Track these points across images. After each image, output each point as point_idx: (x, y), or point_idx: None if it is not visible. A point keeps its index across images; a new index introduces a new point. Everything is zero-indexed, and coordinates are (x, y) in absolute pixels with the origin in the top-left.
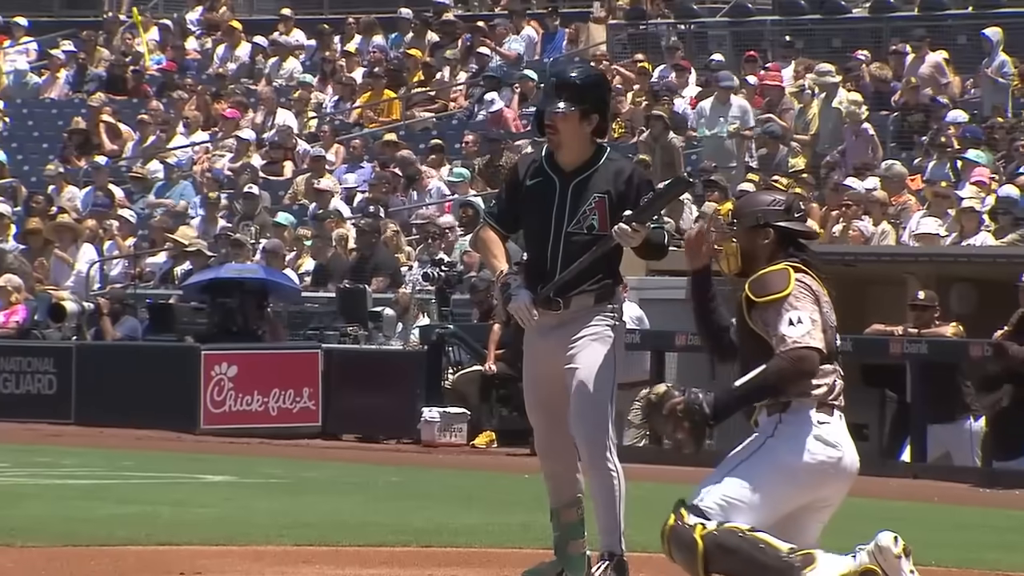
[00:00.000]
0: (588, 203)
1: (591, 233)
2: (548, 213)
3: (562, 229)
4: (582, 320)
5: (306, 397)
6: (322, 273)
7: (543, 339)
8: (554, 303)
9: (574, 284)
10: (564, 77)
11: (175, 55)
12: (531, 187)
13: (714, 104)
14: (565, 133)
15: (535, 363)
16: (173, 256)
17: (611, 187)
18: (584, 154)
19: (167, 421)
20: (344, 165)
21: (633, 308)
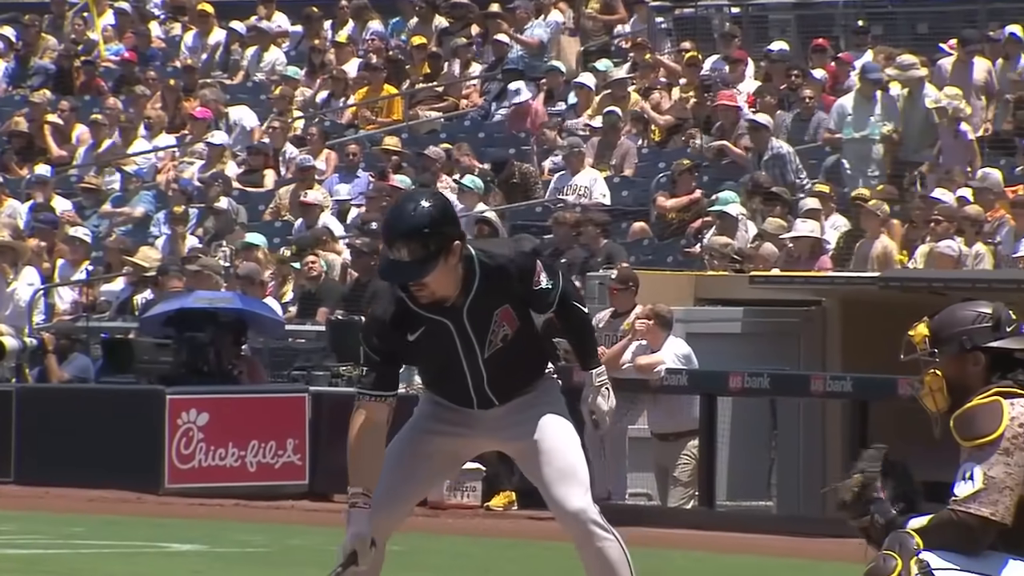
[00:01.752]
0: (493, 321)
1: (506, 341)
2: (455, 355)
3: (478, 361)
4: (528, 393)
5: (291, 450)
6: (310, 302)
7: (470, 415)
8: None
9: (514, 391)
10: (408, 231)
11: (135, 44)
12: (420, 339)
13: (858, 100)
14: (436, 284)
15: (446, 425)
16: (132, 282)
17: (503, 292)
18: (459, 280)
19: (125, 479)
20: (336, 174)
21: (678, 344)
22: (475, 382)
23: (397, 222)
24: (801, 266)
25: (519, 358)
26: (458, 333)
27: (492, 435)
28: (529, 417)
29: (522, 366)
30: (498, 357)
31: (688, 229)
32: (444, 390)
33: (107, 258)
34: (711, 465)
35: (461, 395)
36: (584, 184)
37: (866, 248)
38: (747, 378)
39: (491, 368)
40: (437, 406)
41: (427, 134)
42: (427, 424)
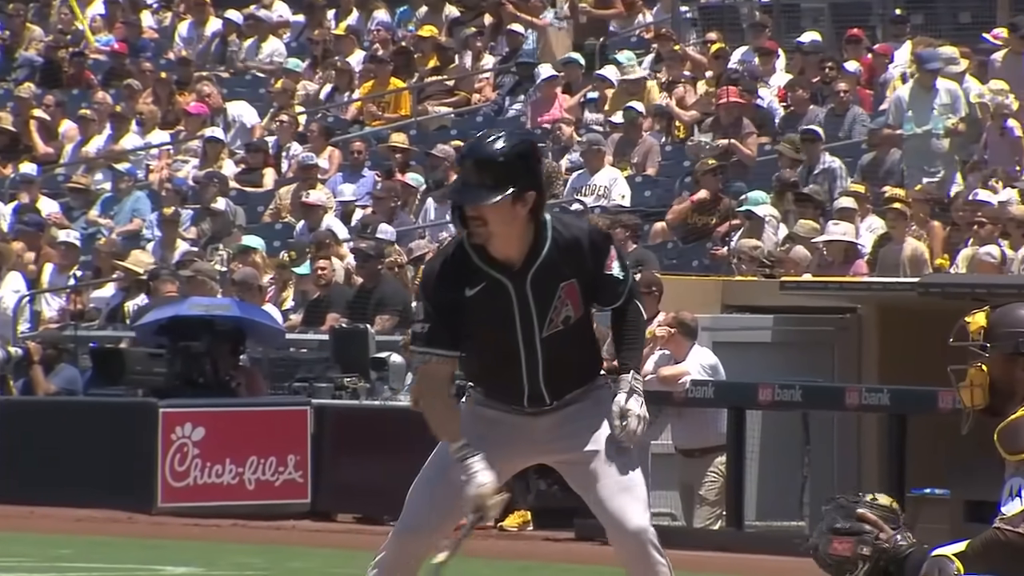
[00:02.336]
0: (557, 297)
1: (567, 324)
2: (511, 327)
3: (535, 339)
4: (575, 402)
5: (292, 467)
6: (316, 310)
7: (518, 424)
8: (543, 403)
9: (568, 388)
10: (483, 155)
11: (126, 34)
12: (475, 298)
13: (916, 91)
14: (497, 224)
15: (490, 444)
16: (124, 288)
17: (573, 265)
18: (527, 240)
19: (115, 497)
20: (339, 173)
21: (705, 354)
22: (529, 368)
23: (476, 146)
24: (834, 271)
25: (576, 351)
26: (518, 300)
27: (540, 448)
28: (583, 428)
29: (578, 363)
30: (556, 342)
31: (715, 231)
32: (493, 382)
33: (96, 262)
34: (739, 483)
35: (512, 387)
36: (603, 184)
37: (894, 251)
38: (778, 390)
39: (547, 353)
40: (478, 422)
41: (436, 131)
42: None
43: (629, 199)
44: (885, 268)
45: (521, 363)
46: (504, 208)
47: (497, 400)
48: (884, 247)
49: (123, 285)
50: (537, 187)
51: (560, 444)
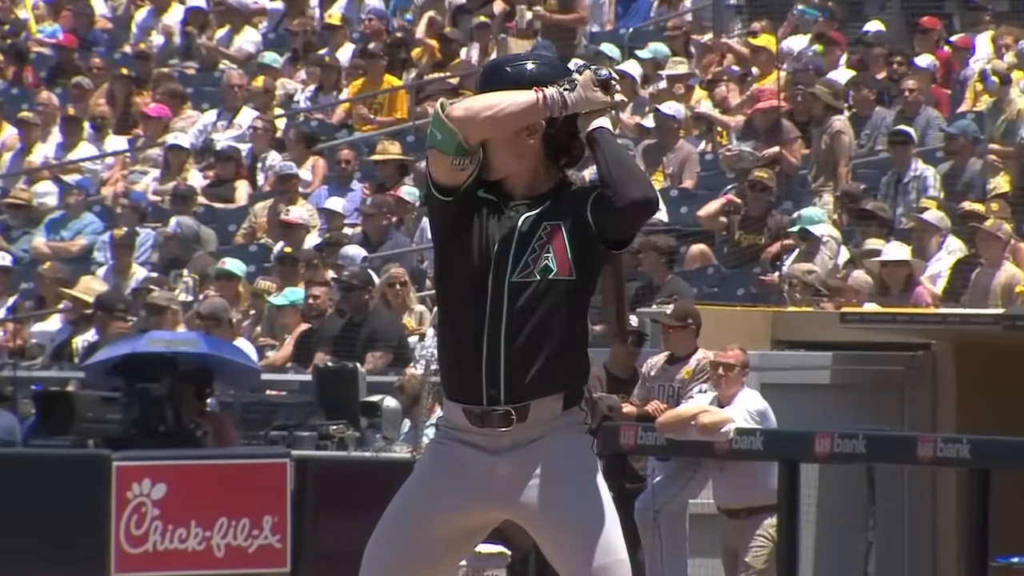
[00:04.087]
0: (536, 237)
1: (544, 278)
2: (486, 257)
3: (503, 284)
4: (549, 440)
5: (268, 529)
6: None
7: (480, 464)
8: (502, 416)
9: (533, 378)
10: (496, 70)
11: (75, 24)
12: (469, 213)
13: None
14: (498, 153)
15: (448, 493)
16: (72, 321)
17: (565, 208)
18: (540, 182)
19: (61, 567)
20: (324, 186)
21: (752, 398)
22: (491, 326)
23: (491, 67)
24: (892, 300)
25: (548, 325)
26: (502, 233)
27: (504, 497)
28: (555, 477)
29: (548, 346)
30: (526, 297)
31: (764, 254)
32: (455, 356)
33: (40, 290)
34: (792, 548)
35: (472, 362)
36: None
37: (986, 279)
38: (837, 440)
39: (512, 308)
40: (438, 465)
41: None
42: (424, 500)
43: (666, 214)
44: (975, 298)
45: (484, 318)
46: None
47: (458, 398)
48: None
49: (71, 317)
50: (553, 120)
51: (522, 496)
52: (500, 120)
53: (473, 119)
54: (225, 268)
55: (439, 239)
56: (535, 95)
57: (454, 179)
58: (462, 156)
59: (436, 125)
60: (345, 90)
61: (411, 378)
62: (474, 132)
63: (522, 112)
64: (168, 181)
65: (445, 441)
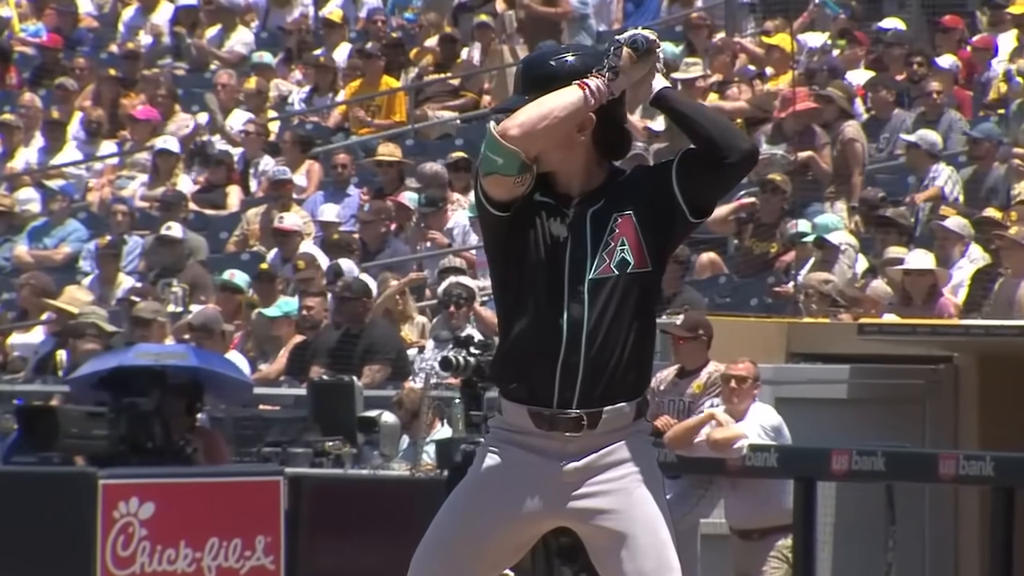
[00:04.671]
0: (609, 230)
1: (622, 272)
2: (560, 259)
3: (583, 279)
4: (617, 448)
5: (261, 550)
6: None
7: (543, 469)
8: (573, 421)
9: (609, 382)
10: (529, 65)
11: (59, 23)
12: (529, 219)
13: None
14: (549, 149)
15: (506, 500)
16: (55, 333)
17: (633, 196)
18: (593, 174)
19: None
20: (320, 192)
21: (767, 413)
22: (570, 329)
23: (531, 63)
24: (915, 311)
25: (627, 325)
26: (573, 231)
27: (561, 501)
28: (617, 488)
29: (625, 351)
30: (606, 295)
31: (777, 263)
32: (525, 358)
33: (21, 301)
34: (808, 571)
35: (544, 365)
36: None
37: (1010, 289)
38: (856, 457)
39: (593, 308)
40: (493, 467)
41: (438, 139)
42: (479, 509)
43: None
44: (999, 310)
45: (562, 319)
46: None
47: (522, 399)
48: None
49: (54, 329)
50: (598, 110)
51: (585, 503)
52: (556, 127)
53: (531, 134)
54: (233, 281)
55: (501, 252)
56: (580, 92)
57: (515, 193)
58: (524, 173)
59: (494, 149)
60: (341, 91)
61: (410, 392)
62: (534, 146)
63: (574, 112)
64: (157, 186)
65: (501, 444)
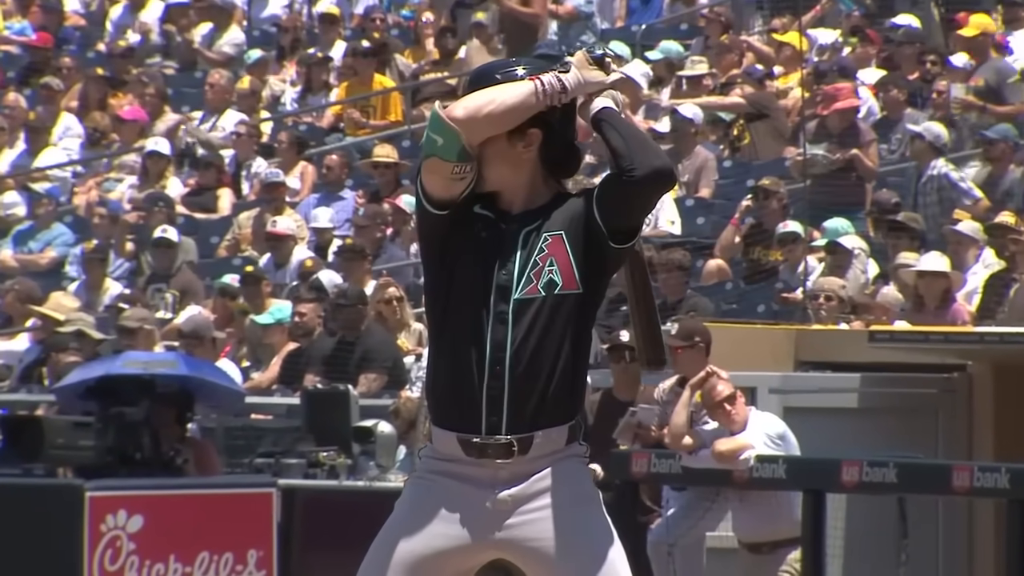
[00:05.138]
0: (538, 250)
1: (549, 293)
2: (488, 274)
3: (507, 300)
4: (550, 473)
5: (253, 564)
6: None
7: (473, 499)
8: (503, 447)
9: (538, 405)
10: (484, 76)
11: (45, 21)
12: (465, 232)
13: None
14: (493, 164)
15: (436, 533)
16: (41, 340)
17: (566, 215)
18: (538, 195)
19: None
20: (314, 195)
21: (769, 421)
22: (493, 350)
23: (479, 73)
24: (927, 317)
25: (554, 349)
26: (503, 248)
27: (499, 534)
28: (557, 513)
29: (552, 374)
30: (532, 317)
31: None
32: (452, 379)
33: (6, 307)
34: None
35: (471, 387)
36: None
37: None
38: (866, 469)
39: (518, 329)
40: (424, 500)
41: None
42: (408, 543)
43: (679, 226)
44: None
45: (485, 340)
46: (498, 143)
47: (451, 426)
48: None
49: (40, 336)
50: (544, 126)
51: (517, 532)
52: (502, 114)
53: (475, 116)
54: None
55: (432, 257)
56: (531, 84)
57: (452, 190)
58: (464, 162)
59: (436, 129)
60: (335, 91)
61: (407, 401)
62: (478, 131)
63: (522, 102)
64: (146, 189)
65: (430, 475)
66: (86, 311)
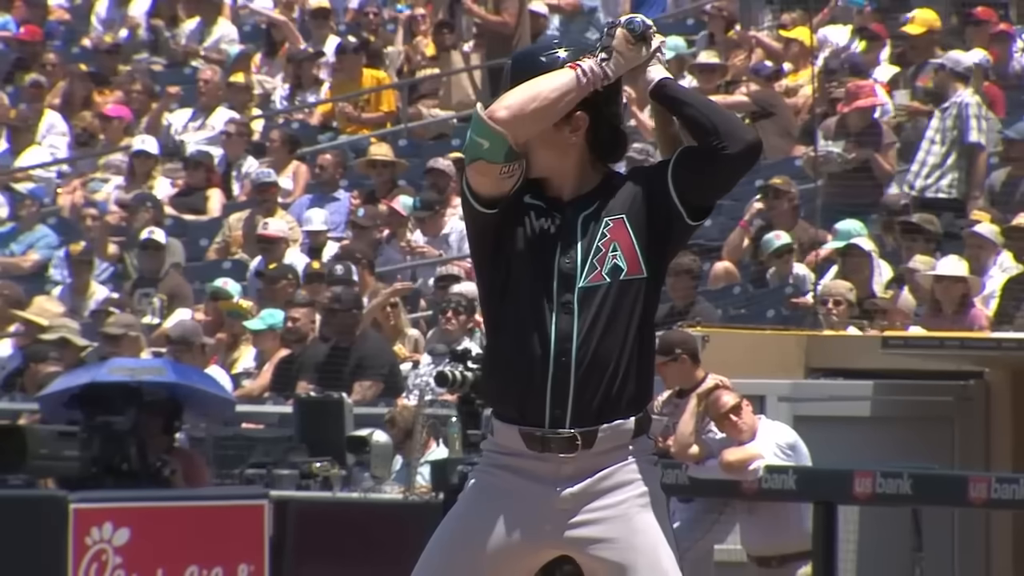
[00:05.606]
0: (600, 234)
1: (614, 279)
2: (549, 264)
3: (572, 287)
4: (616, 470)
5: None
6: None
7: (537, 496)
8: (567, 441)
9: (604, 398)
10: (525, 61)
11: (29, 15)
12: (517, 223)
13: None
14: (540, 151)
15: (498, 530)
16: (23, 346)
17: (626, 197)
18: (587, 178)
19: None
20: (307, 196)
21: (780, 430)
22: (559, 340)
23: (520, 59)
24: (945, 323)
25: (621, 336)
26: (562, 235)
27: (562, 532)
28: (616, 515)
29: (619, 364)
30: (597, 304)
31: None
32: (513, 375)
33: None
34: None
35: (533, 381)
36: None
37: None
38: (880, 479)
39: (584, 318)
40: (485, 495)
41: (434, 139)
42: (469, 540)
43: None
44: None
45: (549, 330)
46: (544, 130)
47: (513, 419)
48: None
49: (23, 342)
50: (591, 108)
51: (582, 531)
52: (547, 108)
53: (520, 116)
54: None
55: (487, 255)
56: (572, 72)
57: (502, 187)
58: (512, 161)
59: (480, 132)
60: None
61: (403, 410)
62: (524, 130)
63: (565, 94)
64: (132, 190)
65: (492, 469)
66: (71, 316)
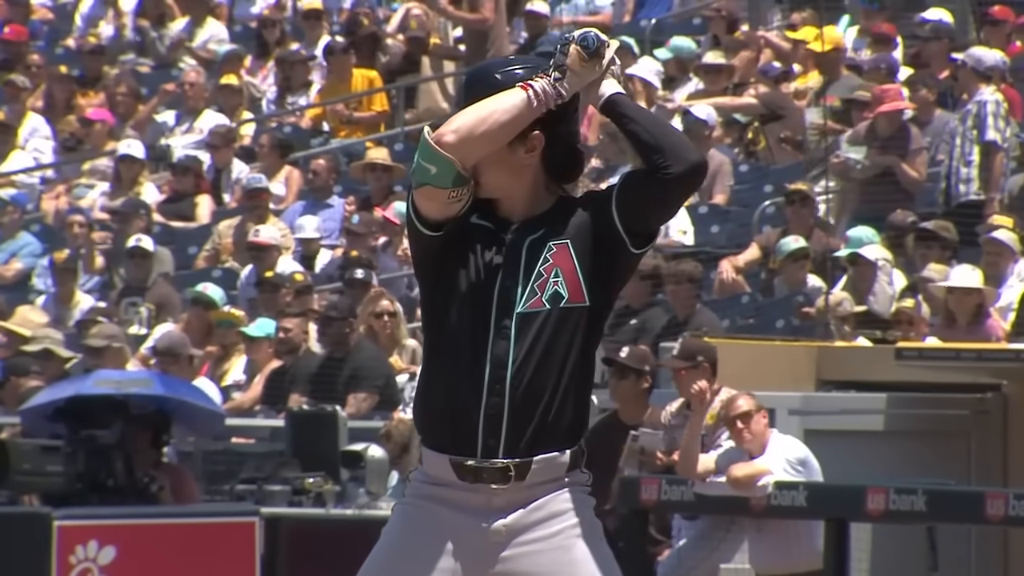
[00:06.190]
0: (543, 258)
1: (554, 306)
2: (489, 288)
3: (511, 311)
4: (549, 500)
5: None
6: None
7: (466, 529)
8: (499, 472)
9: (539, 428)
10: (480, 79)
11: (10, 14)
12: (456, 245)
13: None
14: (491, 172)
15: (424, 565)
16: (5, 358)
17: (573, 222)
18: (541, 202)
19: None
20: (299, 202)
21: (791, 445)
22: (494, 366)
23: (475, 76)
24: (960, 334)
25: (558, 365)
26: (507, 258)
27: (492, 567)
28: (549, 546)
29: (556, 392)
30: (536, 331)
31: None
32: (446, 397)
33: None
34: None
35: (468, 404)
36: None
37: None
38: (893, 496)
39: (521, 344)
40: (412, 528)
41: None
42: (398, 562)
43: (692, 236)
44: None
45: (485, 356)
46: (496, 149)
47: (444, 448)
48: None
49: (4, 354)
50: (547, 128)
51: (513, 565)
52: (497, 132)
53: (467, 140)
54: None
55: (429, 274)
56: (523, 93)
57: (449, 212)
58: (460, 186)
59: (427, 157)
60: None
61: (399, 424)
62: (472, 154)
63: (517, 116)
64: (118, 196)
65: (419, 501)
66: (55, 327)
